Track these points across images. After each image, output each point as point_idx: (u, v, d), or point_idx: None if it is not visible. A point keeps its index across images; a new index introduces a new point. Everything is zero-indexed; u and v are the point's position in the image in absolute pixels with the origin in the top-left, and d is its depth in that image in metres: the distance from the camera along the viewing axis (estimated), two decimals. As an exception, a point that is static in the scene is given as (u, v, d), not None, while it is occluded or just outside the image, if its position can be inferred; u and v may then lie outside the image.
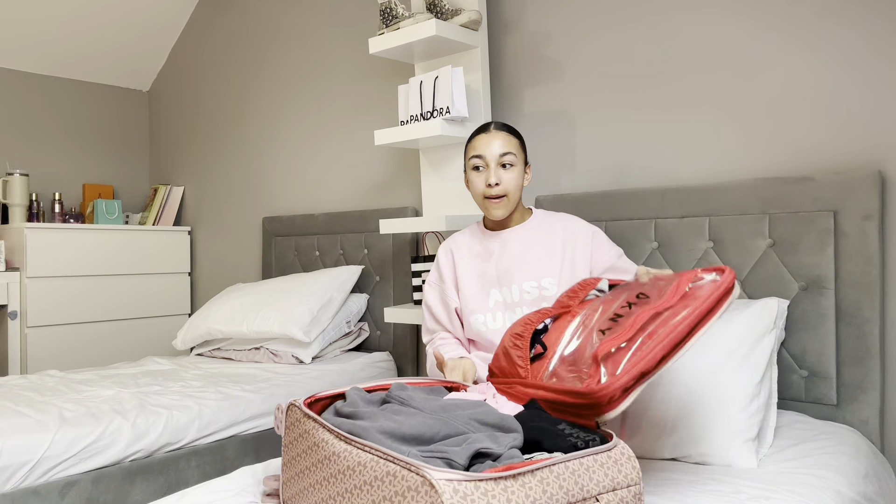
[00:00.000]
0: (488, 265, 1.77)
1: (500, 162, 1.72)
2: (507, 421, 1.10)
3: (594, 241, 1.76)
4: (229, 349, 2.91)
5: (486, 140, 1.74)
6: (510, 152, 1.72)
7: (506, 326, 1.71)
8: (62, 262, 3.42)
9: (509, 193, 1.72)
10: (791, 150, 1.96)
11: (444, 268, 1.86)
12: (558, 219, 1.80)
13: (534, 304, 1.70)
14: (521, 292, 1.72)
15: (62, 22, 3.63)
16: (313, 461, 1.10)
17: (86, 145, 4.04)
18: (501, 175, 1.72)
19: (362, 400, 1.22)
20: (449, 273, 1.84)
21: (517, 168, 1.73)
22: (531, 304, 1.70)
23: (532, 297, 1.71)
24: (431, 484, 0.88)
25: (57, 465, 1.80)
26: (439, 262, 1.87)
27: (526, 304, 1.71)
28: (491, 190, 1.71)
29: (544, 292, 1.70)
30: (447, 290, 1.84)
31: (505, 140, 1.73)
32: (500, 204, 1.72)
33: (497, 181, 1.71)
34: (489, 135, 1.74)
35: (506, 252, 1.76)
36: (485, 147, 1.73)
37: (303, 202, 3.36)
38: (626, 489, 1.01)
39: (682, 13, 2.16)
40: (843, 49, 1.88)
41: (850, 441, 1.62)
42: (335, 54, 3.20)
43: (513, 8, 2.55)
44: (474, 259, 1.81)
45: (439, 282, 1.86)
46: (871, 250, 1.76)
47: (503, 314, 1.73)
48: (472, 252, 1.82)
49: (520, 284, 1.72)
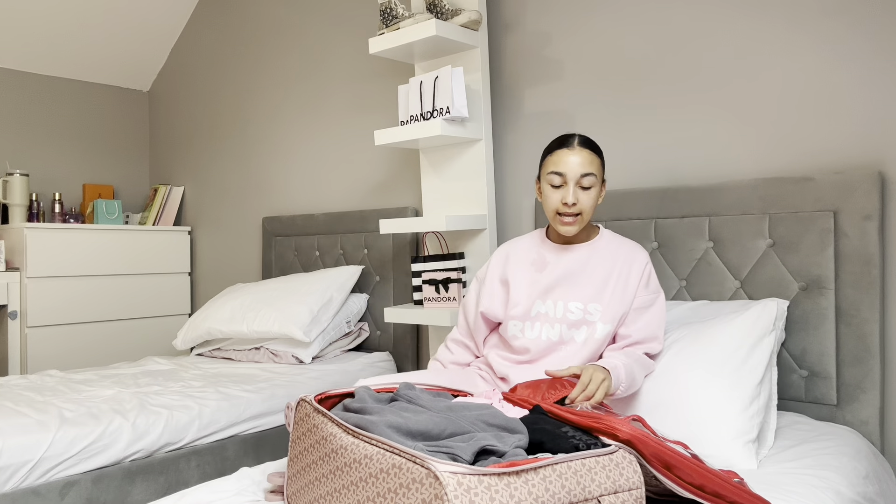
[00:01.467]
0: (541, 275, 1.73)
1: (580, 182, 1.65)
2: (513, 423, 1.11)
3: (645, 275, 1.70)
4: (229, 349, 2.91)
5: (568, 156, 1.65)
6: (591, 173, 1.65)
7: (541, 339, 1.68)
8: (62, 262, 3.42)
9: (584, 213, 1.67)
10: (791, 150, 1.96)
11: (492, 268, 1.83)
12: (621, 244, 1.74)
13: (574, 326, 1.67)
14: (565, 311, 1.68)
15: (62, 22, 3.62)
16: (321, 455, 1.11)
17: (86, 145, 4.04)
18: (580, 195, 1.65)
19: (371, 397, 1.23)
20: (495, 274, 1.81)
21: (595, 189, 1.67)
22: (572, 324, 1.67)
23: (575, 317, 1.67)
24: (436, 476, 0.88)
25: (57, 465, 1.80)
26: (491, 261, 1.84)
27: (567, 322, 1.67)
28: (567, 209, 1.66)
29: (588, 317, 1.66)
30: (483, 290, 1.81)
31: (588, 159, 1.65)
32: (574, 223, 1.67)
33: (575, 201, 1.64)
34: (572, 151, 1.66)
35: (560, 266, 1.71)
36: (566, 164, 1.65)
37: (303, 202, 3.36)
38: (628, 492, 1.01)
39: (683, 13, 2.16)
40: (843, 49, 1.88)
41: (850, 442, 1.62)
42: (335, 54, 3.19)
43: (513, 8, 2.55)
44: (529, 266, 1.77)
45: (481, 282, 1.84)
46: (871, 250, 1.76)
47: (542, 326, 1.70)
48: (529, 259, 1.78)
49: (566, 302, 1.68)
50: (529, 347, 1.69)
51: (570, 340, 1.67)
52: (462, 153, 2.48)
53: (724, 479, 1.13)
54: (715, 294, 2.00)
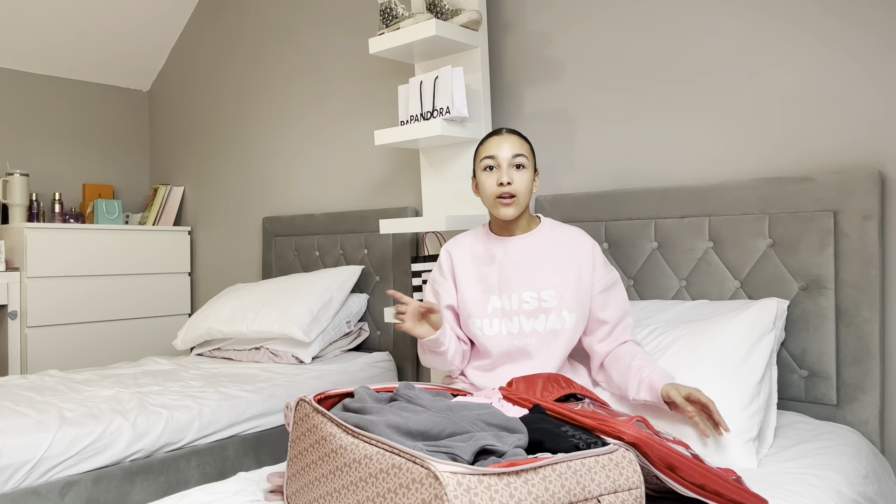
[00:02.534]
0: (490, 269, 1.77)
1: (512, 163, 1.73)
2: (513, 422, 1.11)
3: (594, 258, 1.75)
4: (229, 349, 2.91)
5: (498, 142, 1.75)
6: (522, 154, 1.74)
7: (502, 334, 1.72)
8: (62, 262, 3.42)
9: (519, 194, 1.72)
10: (791, 150, 1.96)
11: (443, 269, 1.86)
12: (565, 231, 1.80)
13: (532, 315, 1.70)
14: (520, 302, 1.72)
15: (62, 22, 3.62)
16: (320, 455, 1.11)
17: (86, 145, 4.04)
18: (513, 175, 1.72)
19: (370, 397, 1.23)
20: (448, 274, 1.85)
21: (528, 171, 1.75)
22: (529, 314, 1.71)
23: (531, 307, 1.71)
24: (436, 476, 0.88)
25: (57, 465, 1.80)
26: (440, 263, 1.87)
27: (524, 314, 1.71)
28: (503, 189, 1.71)
29: (543, 304, 1.70)
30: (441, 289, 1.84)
31: (517, 142, 1.75)
32: (511, 204, 1.72)
33: (509, 180, 1.71)
34: (501, 137, 1.76)
35: (508, 259, 1.75)
36: (497, 148, 1.74)
37: (303, 202, 3.36)
38: (628, 492, 1.01)
39: (683, 13, 2.16)
40: (843, 49, 1.88)
41: (850, 441, 1.62)
42: (335, 54, 3.19)
43: (513, 8, 2.55)
44: (476, 262, 1.80)
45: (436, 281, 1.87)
46: (871, 250, 1.76)
47: (500, 321, 1.73)
48: (475, 255, 1.81)
49: (519, 294, 1.72)
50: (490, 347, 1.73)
51: (531, 332, 1.70)
52: (462, 153, 2.48)
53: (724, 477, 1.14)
54: (715, 294, 2.00)
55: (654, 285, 2.12)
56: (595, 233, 2.26)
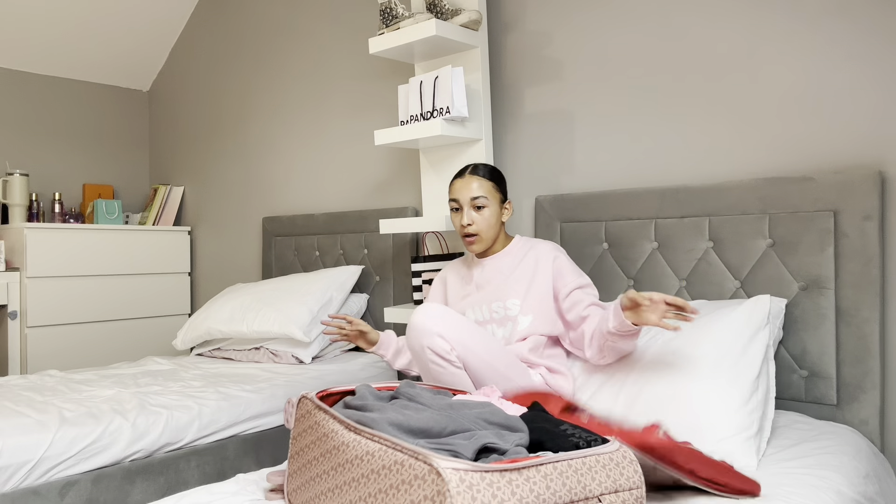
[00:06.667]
0: (469, 287, 2.00)
1: (472, 204, 1.91)
2: (513, 421, 1.11)
3: (555, 265, 1.89)
4: (229, 349, 2.91)
5: (459, 185, 1.94)
6: (481, 196, 1.91)
7: None
8: (62, 262, 3.42)
9: (481, 232, 1.91)
10: (791, 150, 1.96)
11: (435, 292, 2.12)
12: (532, 245, 1.96)
13: (501, 323, 1.90)
14: (490, 312, 1.92)
15: (62, 22, 3.62)
16: (321, 451, 1.11)
17: (86, 145, 4.04)
18: (473, 216, 1.91)
19: (372, 395, 1.23)
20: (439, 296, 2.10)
21: (489, 209, 1.91)
22: (499, 322, 1.90)
23: (499, 315, 1.91)
24: (438, 472, 0.88)
25: (57, 465, 1.80)
26: (434, 285, 2.12)
27: (495, 321, 1.91)
28: (465, 230, 1.92)
29: (508, 312, 1.89)
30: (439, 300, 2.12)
31: (477, 185, 1.92)
32: (474, 242, 1.92)
33: (469, 222, 1.90)
34: (464, 180, 1.94)
35: (483, 277, 1.97)
36: (458, 192, 1.93)
37: (303, 202, 3.36)
38: (629, 492, 1.01)
39: (683, 13, 2.16)
40: (843, 49, 1.88)
41: (850, 441, 1.62)
42: (335, 54, 3.20)
43: (513, 8, 2.55)
44: (460, 282, 2.04)
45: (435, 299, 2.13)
46: (871, 250, 1.76)
47: None
48: (460, 276, 2.05)
49: (489, 304, 1.92)
50: None
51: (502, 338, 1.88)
52: (462, 153, 2.49)
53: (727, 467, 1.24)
54: (715, 294, 2.00)
55: (654, 285, 2.12)
56: (595, 233, 2.26)
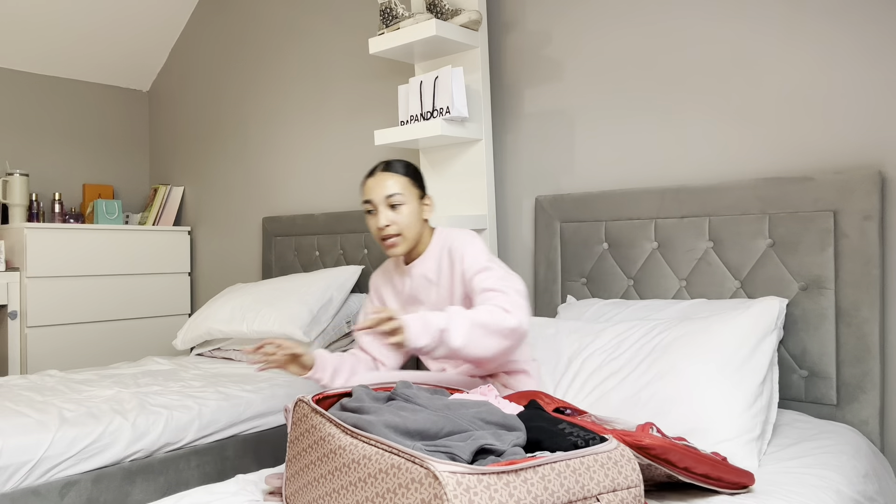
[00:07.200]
0: (402, 299, 1.88)
1: (386, 203, 1.74)
2: (511, 420, 1.11)
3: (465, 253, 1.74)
4: (229, 349, 2.91)
5: (371, 185, 1.77)
6: (397, 193, 1.74)
7: None
8: (62, 262, 3.42)
9: (403, 230, 1.75)
10: (791, 150, 1.96)
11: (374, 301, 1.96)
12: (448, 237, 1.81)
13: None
14: None
15: (62, 22, 3.63)
16: (319, 455, 1.11)
17: (86, 145, 4.04)
18: (391, 216, 1.74)
19: (368, 396, 1.23)
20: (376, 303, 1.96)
21: (408, 206, 1.75)
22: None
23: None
24: (435, 476, 0.88)
25: (57, 465, 1.80)
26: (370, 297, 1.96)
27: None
28: (382, 232, 1.75)
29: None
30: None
31: (390, 181, 1.75)
32: (397, 244, 1.75)
33: (387, 223, 1.73)
34: (376, 178, 1.77)
35: (413, 287, 1.83)
36: (371, 192, 1.76)
37: (303, 202, 3.36)
38: (627, 490, 1.01)
39: (683, 13, 2.16)
40: (843, 49, 1.88)
41: (850, 440, 1.62)
42: (335, 54, 3.20)
43: (513, 8, 2.55)
44: (394, 295, 1.90)
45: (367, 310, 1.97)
46: (871, 250, 1.76)
47: None
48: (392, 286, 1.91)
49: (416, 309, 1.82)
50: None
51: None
52: (462, 153, 2.49)
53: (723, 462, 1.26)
54: (715, 294, 2.00)
55: (654, 285, 2.12)
56: (595, 233, 2.26)
